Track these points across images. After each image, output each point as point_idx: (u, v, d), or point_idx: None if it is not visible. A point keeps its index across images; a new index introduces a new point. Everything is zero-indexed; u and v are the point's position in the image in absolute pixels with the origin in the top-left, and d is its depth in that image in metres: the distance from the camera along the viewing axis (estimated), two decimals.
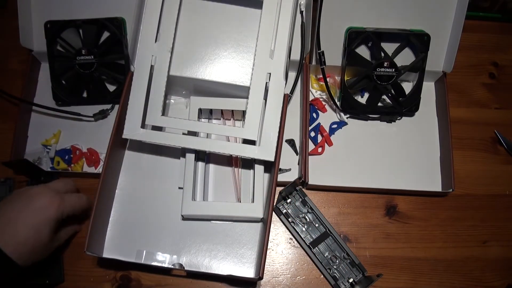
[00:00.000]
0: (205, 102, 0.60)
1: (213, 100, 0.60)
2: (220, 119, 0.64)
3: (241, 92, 0.58)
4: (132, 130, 0.55)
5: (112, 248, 0.57)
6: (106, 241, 0.58)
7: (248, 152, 0.55)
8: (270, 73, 0.55)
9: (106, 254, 0.57)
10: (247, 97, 0.56)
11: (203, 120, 0.63)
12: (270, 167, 0.59)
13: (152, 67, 0.56)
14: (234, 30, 0.58)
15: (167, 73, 0.56)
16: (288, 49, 0.56)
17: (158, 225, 0.59)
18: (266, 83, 0.55)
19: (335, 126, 0.66)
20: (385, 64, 0.62)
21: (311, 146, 0.65)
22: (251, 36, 0.58)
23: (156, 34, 0.56)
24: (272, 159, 0.54)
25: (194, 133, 0.58)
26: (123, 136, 0.56)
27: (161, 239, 0.58)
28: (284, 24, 0.56)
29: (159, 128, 0.58)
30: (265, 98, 0.56)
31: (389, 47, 0.64)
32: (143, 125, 0.56)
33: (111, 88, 0.66)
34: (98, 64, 0.62)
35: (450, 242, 0.62)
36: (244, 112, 0.56)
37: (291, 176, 0.63)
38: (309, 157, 0.62)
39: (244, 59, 0.58)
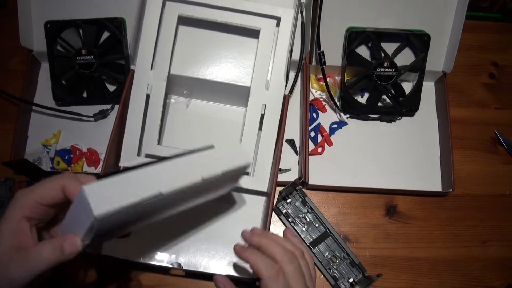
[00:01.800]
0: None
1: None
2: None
3: (241, 92, 0.58)
4: (128, 158, 0.56)
5: (111, 246, 0.57)
6: None
7: (241, 181, 0.54)
8: (265, 105, 0.55)
9: (105, 253, 0.57)
10: (247, 98, 0.56)
11: None
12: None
13: (148, 96, 0.56)
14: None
15: (162, 102, 0.56)
16: (285, 79, 0.56)
17: (156, 224, 0.59)
18: (262, 114, 0.55)
19: (335, 126, 0.66)
20: (385, 64, 0.62)
21: (311, 146, 0.65)
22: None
23: (152, 61, 0.56)
24: (265, 189, 0.54)
25: None
26: (120, 164, 0.56)
27: (160, 238, 0.58)
28: (281, 54, 0.55)
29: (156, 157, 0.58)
30: (260, 129, 0.56)
31: (389, 47, 0.64)
32: (139, 153, 0.56)
33: (111, 88, 0.66)
34: (98, 64, 0.62)
35: (450, 242, 0.62)
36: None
37: (291, 176, 0.63)
38: (309, 157, 0.62)
39: (245, 59, 0.58)
